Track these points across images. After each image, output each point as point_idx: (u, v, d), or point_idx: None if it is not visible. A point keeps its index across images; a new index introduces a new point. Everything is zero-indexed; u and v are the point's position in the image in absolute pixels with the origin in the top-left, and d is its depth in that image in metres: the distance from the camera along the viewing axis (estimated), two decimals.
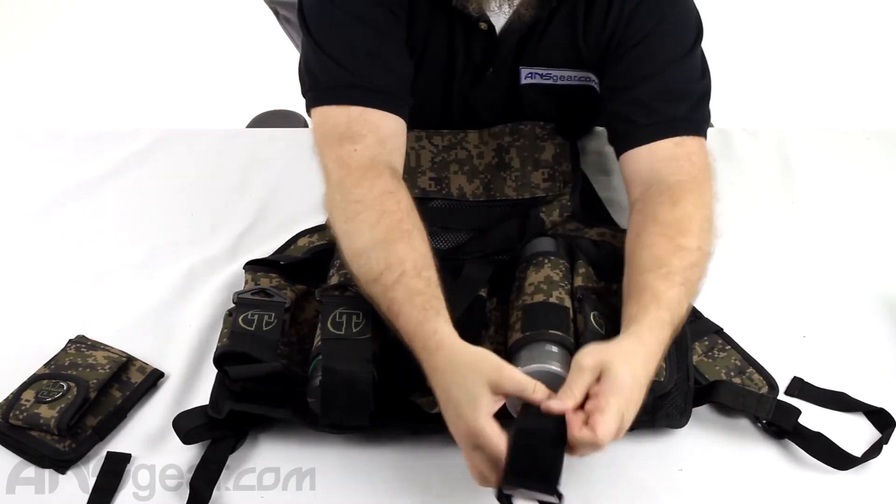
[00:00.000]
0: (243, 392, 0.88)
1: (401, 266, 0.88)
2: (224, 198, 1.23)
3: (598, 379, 0.79)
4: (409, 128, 1.14)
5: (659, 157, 1.02)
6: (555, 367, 0.85)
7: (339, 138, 1.00)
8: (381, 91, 1.02)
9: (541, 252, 1.00)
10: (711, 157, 1.03)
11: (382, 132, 1.01)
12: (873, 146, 1.30)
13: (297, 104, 1.28)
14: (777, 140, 1.30)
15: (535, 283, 0.95)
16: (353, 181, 0.96)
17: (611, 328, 0.91)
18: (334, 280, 0.96)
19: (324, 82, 1.04)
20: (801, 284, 1.07)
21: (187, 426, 0.87)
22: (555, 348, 0.87)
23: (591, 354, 0.80)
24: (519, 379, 0.79)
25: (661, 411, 0.88)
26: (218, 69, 2.75)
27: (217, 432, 0.88)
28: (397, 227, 0.92)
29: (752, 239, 1.13)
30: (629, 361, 0.80)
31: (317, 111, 1.04)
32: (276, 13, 1.66)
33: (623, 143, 1.05)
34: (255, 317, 0.92)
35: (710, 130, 1.33)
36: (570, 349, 0.88)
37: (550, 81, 1.13)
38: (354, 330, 0.87)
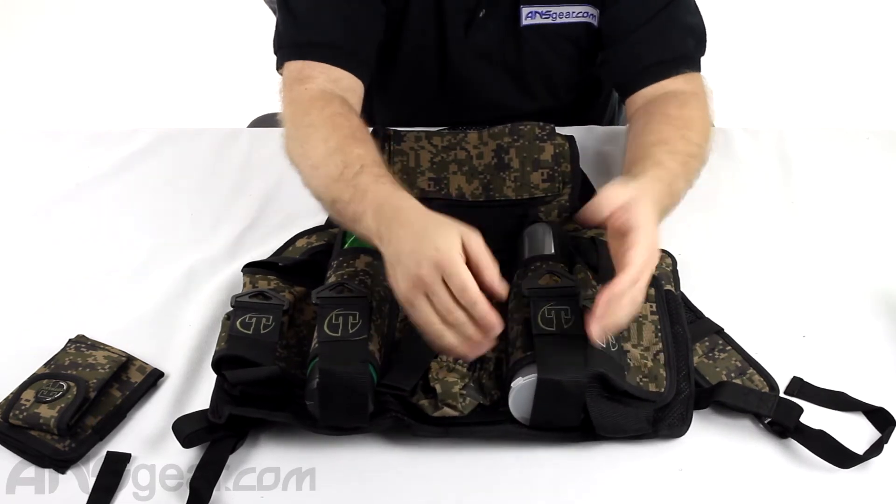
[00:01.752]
0: (242, 396, 0.88)
1: (360, 161, 0.93)
2: (224, 198, 1.23)
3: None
4: (408, 113, 1.15)
5: (669, 87, 1.10)
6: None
7: (292, 82, 1.07)
8: (334, 47, 1.08)
9: (539, 257, 0.99)
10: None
11: (334, 75, 1.08)
12: (873, 145, 1.30)
13: None
14: (777, 139, 1.30)
15: None
16: (302, 111, 1.02)
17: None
18: (331, 281, 0.96)
19: (285, 40, 1.11)
20: (801, 284, 1.06)
21: (187, 430, 0.87)
22: None
23: (618, 191, 0.85)
24: (483, 250, 0.80)
25: (663, 422, 0.87)
26: (218, 69, 2.76)
27: (217, 434, 0.88)
28: (350, 136, 0.98)
29: (752, 238, 1.13)
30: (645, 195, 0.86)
31: (283, 68, 1.11)
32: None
33: (635, 82, 1.12)
34: (253, 320, 0.91)
35: None
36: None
37: (550, 20, 1.17)
38: (351, 331, 0.86)
